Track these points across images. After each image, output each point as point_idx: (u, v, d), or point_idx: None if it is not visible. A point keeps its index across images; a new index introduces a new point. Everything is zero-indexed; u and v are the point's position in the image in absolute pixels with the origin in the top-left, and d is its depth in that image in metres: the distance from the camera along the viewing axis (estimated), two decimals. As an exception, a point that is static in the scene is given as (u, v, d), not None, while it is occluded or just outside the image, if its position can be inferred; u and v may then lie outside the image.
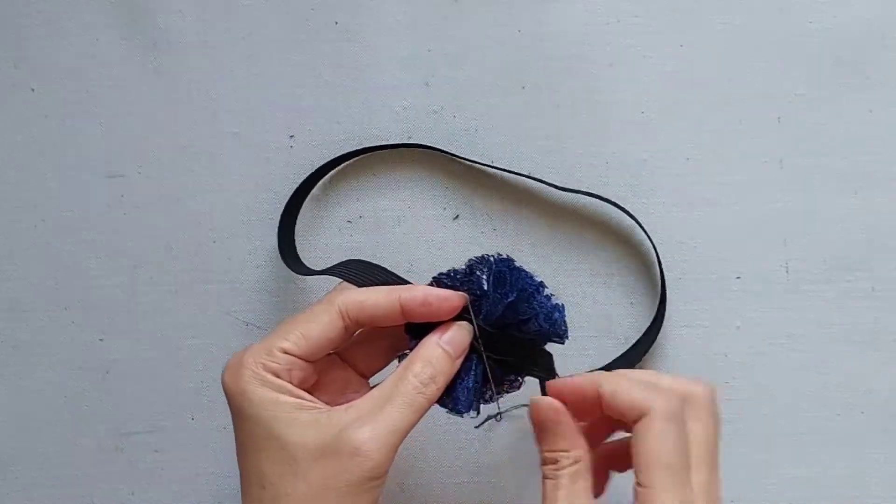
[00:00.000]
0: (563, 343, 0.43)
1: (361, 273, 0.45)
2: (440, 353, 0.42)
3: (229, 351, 0.52)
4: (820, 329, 0.52)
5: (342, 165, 0.53)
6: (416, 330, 0.43)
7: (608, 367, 0.51)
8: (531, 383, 0.44)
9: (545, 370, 0.43)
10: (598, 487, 0.43)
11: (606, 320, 0.52)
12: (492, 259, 0.43)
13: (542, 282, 0.43)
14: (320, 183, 0.53)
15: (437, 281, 0.43)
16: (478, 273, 0.43)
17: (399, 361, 0.44)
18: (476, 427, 0.45)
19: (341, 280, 0.45)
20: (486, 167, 0.52)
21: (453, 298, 0.42)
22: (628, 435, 0.40)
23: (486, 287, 0.42)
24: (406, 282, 0.44)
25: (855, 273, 0.52)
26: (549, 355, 0.43)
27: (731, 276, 0.52)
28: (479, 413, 0.43)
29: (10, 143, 0.53)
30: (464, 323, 0.42)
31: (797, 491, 0.52)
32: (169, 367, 0.53)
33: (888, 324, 0.52)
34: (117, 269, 0.53)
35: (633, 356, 0.51)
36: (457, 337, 0.42)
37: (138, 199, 0.53)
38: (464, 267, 0.43)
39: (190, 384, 0.53)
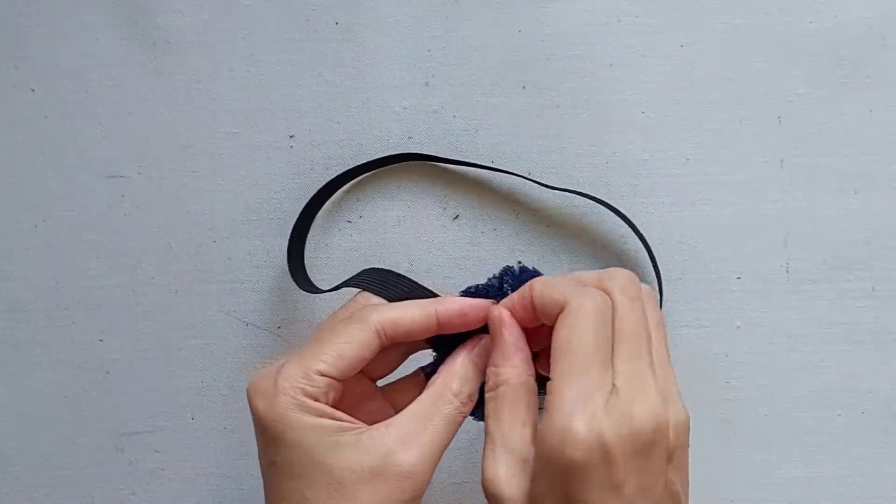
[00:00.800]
0: None
1: (384, 284, 0.44)
2: (474, 369, 0.42)
3: (229, 351, 0.53)
4: (820, 329, 0.52)
5: (349, 184, 0.53)
6: (440, 341, 0.43)
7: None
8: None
9: None
10: None
11: (606, 320, 0.52)
12: (517, 269, 0.43)
13: None
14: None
15: (467, 294, 0.43)
16: (506, 287, 0.43)
17: (424, 374, 0.44)
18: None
19: (360, 290, 0.44)
20: (480, 168, 0.52)
21: (487, 307, 0.42)
22: None
23: None
24: (431, 292, 0.44)
25: (855, 273, 0.52)
26: None
27: (731, 276, 0.52)
28: None
29: (10, 143, 0.53)
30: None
31: (797, 491, 0.52)
32: (169, 367, 0.53)
33: (888, 324, 0.52)
34: (117, 269, 0.53)
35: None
36: (486, 350, 0.42)
37: (138, 199, 0.53)
38: (493, 281, 0.43)
39: (190, 384, 0.53)
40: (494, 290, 0.43)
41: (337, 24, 0.53)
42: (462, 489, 0.53)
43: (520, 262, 0.44)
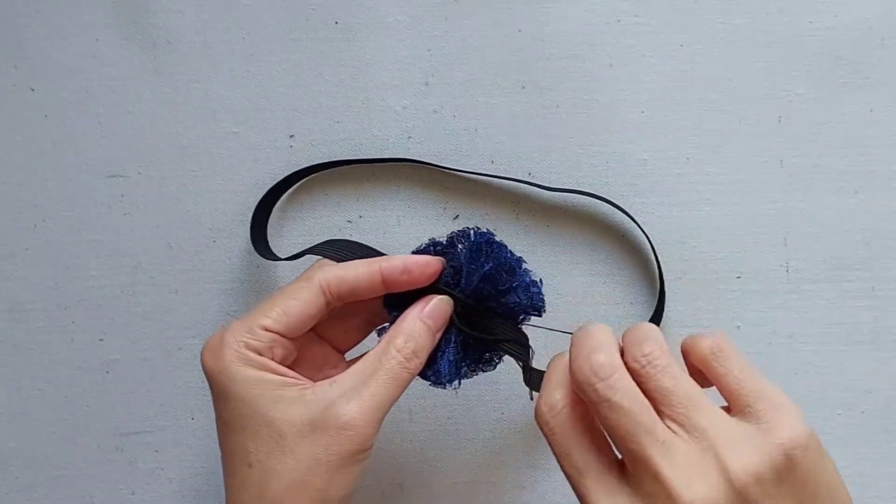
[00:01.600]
0: (540, 316, 0.44)
1: (340, 250, 0.45)
2: (421, 326, 0.42)
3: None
4: (820, 329, 0.52)
5: (333, 170, 0.53)
6: (394, 302, 0.43)
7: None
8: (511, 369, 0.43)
9: (521, 347, 0.44)
10: None
11: (606, 320, 0.52)
12: (472, 232, 0.43)
13: (521, 257, 0.43)
14: (321, 183, 0.53)
15: (418, 252, 0.44)
16: (459, 246, 0.43)
17: (379, 335, 0.44)
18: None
19: (320, 258, 0.45)
20: (477, 176, 0.52)
21: (432, 263, 0.43)
22: None
23: (463, 259, 0.43)
24: (384, 255, 0.44)
25: (855, 273, 0.52)
26: (525, 335, 0.44)
27: (731, 276, 0.52)
28: (460, 385, 0.43)
29: (10, 143, 0.53)
30: (444, 297, 0.43)
31: (797, 491, 0.52)
32: (169, 367, 0.53)
33: (888, 324, 0.52)
34: (117, 269, 0.53)
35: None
36: (437, 310, 0.42)
37: (138, 199, 0.53)
38: (444, 239, 0.44)
39: (190, 384, 0.53)
40: (443, 247, 0.43)
41: (337, 23, 0.53)
42: (462, 489, 0.53)
43: (477, 227, 0.44)
